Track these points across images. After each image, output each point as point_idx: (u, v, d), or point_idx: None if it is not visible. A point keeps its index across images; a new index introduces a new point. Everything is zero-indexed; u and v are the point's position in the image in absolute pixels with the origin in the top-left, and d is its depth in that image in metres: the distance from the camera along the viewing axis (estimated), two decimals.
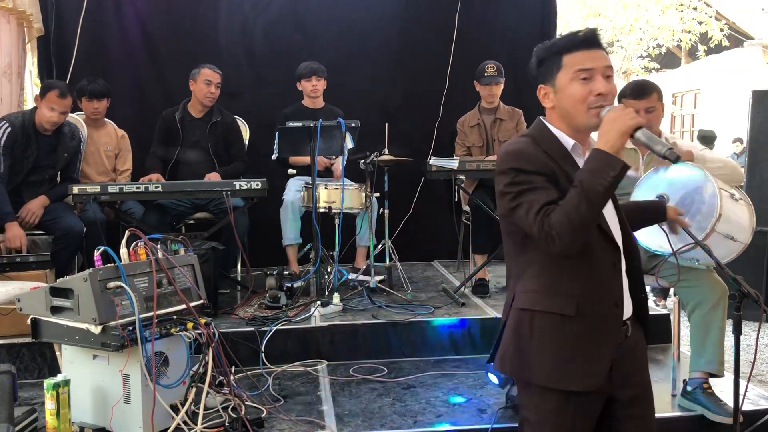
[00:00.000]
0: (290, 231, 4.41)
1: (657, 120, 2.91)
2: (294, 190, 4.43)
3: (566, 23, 15.22)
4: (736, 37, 15.20)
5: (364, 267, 4.31)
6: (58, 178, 4.15)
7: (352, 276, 4.25)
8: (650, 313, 1.98)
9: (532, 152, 1.74)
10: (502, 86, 4.54)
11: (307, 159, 4.13)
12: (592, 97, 1.71)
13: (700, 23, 15.29)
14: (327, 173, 4.57)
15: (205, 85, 4.39)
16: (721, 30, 15.09)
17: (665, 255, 2.55)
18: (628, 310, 1.81)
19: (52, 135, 3.96)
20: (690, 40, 15.87)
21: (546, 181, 1.71)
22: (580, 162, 1.77)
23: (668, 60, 18.53)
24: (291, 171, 4.64)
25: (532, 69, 1.84)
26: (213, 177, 4.28)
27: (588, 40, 1.75)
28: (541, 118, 1.86)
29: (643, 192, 2.64)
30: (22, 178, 3.90)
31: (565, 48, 1.75)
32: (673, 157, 1.66)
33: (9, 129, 3.80)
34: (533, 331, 1.78)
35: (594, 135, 1.79)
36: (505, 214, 1.78)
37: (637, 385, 1.83)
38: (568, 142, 1.78)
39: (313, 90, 4.60)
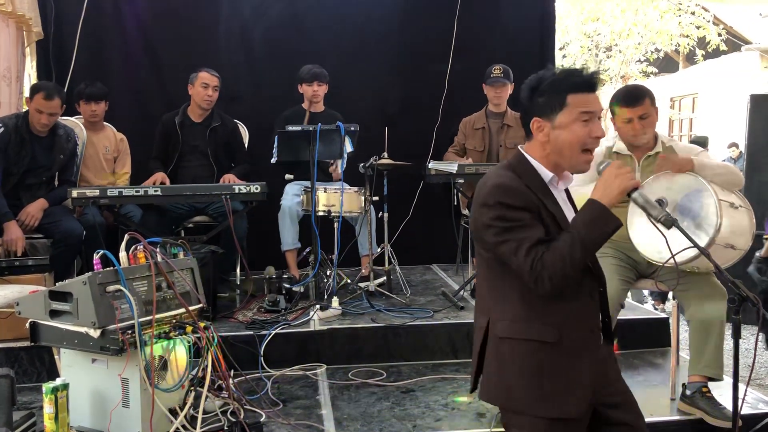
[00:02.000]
0: (288, 236, 4.40)
1: (652, 125, 2.90)
2: (291, 195, 4.42)
3: (564, 28, 15.27)
4: (734, 42, 15.24)
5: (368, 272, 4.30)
6: (56, 182, 4.14)
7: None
8: (650, 317, 2.03)
9: (519, 188, 1.78)
10: (509, 90, 4.54)
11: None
12: (590, 138, 1.78)
13: (698, 28, 15.33)
14: (325, 177, 4.57)
15: (202, 88, 4.38)
16: (719, 35, 15.13)
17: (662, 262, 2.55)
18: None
19: (46, 137, 3.95)
20: (688, 44, 15.91)
21: (532, 218, 1.77)
22: (555, 193, 1.85)
23: (666, 64, 18.57)
24: (288, 176, 4.64)
25: (525, 99, 1.87)
26: (230, 179, 4.26)
27: (592, 83, 1.81)
28: (520, 148, 1.90)
29: None
30: (18, 179, 3.88)
31: (571, 88, 1.80)
32: (669, 224, 1.78)
33: (2, 130, 3.80)
34: (515, 359, 1.80)
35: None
36: (488, 247, 1.82)
37: (619, 393, 1.89)
38: (546, 174, 1.84)
39: (314, 95, 4.60)
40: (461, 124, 4.64)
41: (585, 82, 1.80)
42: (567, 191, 1.97)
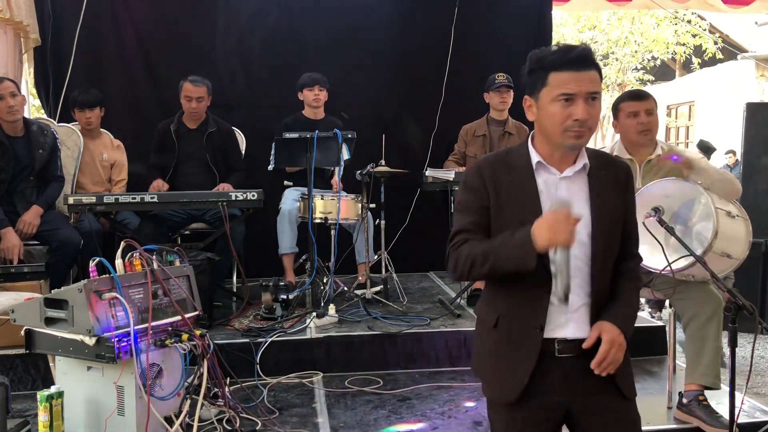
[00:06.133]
0: (286, 240, 4.39)
1: (655, 125, 2.93)
2: (291, 199, 4.42)
3: (561, 36, 15.31)
4: (730, 50, 15.31)
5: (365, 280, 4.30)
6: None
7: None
8: (646, 325, 1.98)
9: (481, 168, 1.80)
10: (512, 98, 4.55)
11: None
12: (570, 121, 1.68)
13: (694, 36, 15.39)
14: (323, 184, 4.57)
15: (186, 101, 4.33)
16: (715, 43, 15.20)
17: (658, 270, 2.56)
18: (573, 333, 1.74)
19: (22, 136, 3.89)
20: (684, 52, 15.97)
21: (475, 201, 1.78)
22: (542, 177, 1.77)
23: (663, 72, 18.64)
24: (287, 183, 4.65)
25: (524, 75, 1.83)
26: (225, 188, 4.25)
27: (577, 60, 1.69)
28: (531, 133, 1.87)
29: (639, 205, 2.64)
30: (7, 186, 3.85)
31: (553, 65, 1.71)
32: (564, 301, 1.64)
33: None
34: (477, 336, 1.93)
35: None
36: None
37: (600, 405, 1.77)
38: (533, 156, 1.79)
39: (314, 99, 4.60)
40: (461, 132, 4.65)
41: (569, 58, 1.69)
42: (593, 178, 1.78)
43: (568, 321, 1.75)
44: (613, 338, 1.69)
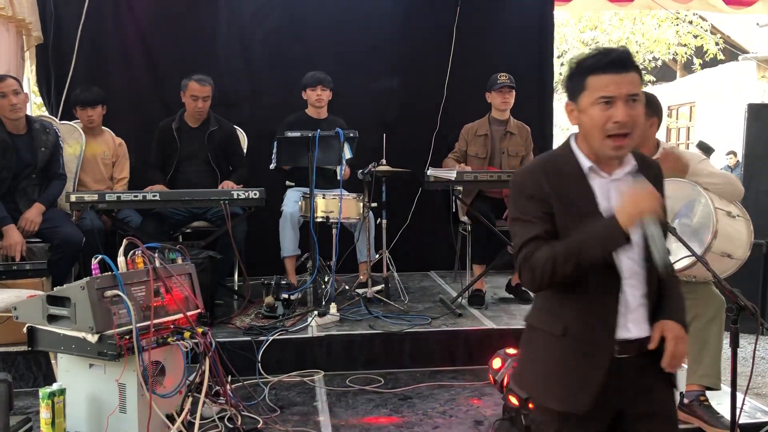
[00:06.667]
0: (289, 243, 4.38)
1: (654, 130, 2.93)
2: (293, 201, 4.41)
3: (563, 36, 15.31)
4: (731, 51, 15.31)
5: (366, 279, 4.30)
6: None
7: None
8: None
9: (534, 175, 1.77)
10: (513, 98, 4.55)
11: None
12: (611, 124, 1.68)
13: (695, 37, 15.39)
14: (325, 183, 4.57)
15: (192, 100, 4.31)
16: (717, 44, 15.20)
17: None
18: (634, 333, 1.75)
19: (24, 134, 3.90)
20: (685, 53, 15.97)
21: (538, 209, 1.74)
22: (596, 183, 1.77)
23: (664, 73, 18.64)
24: (289, 183, 4.65)
25: (564, 81, 1.82)
26: (228, 186, 4.26)
27: (616, 62, 1.69)
28: (572, 134, 1.86)
29: None
30: (10, 183, 3.85)
31: (591, 69, 1.71)
32: (665, 274, 1.70)
33: None
34: (531, 346, 1.85)
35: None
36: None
37: (653, 402, 1.79)
38: (584, 162, 1.78)
39: (318, 99, 4.60)
40: (463, 131, 4.65)
41: (607, 61, 1.68)
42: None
43: (627, 322, 1.75)
44: (677, 335, 1.71)
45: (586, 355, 1.74)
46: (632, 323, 1.75)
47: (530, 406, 1.90)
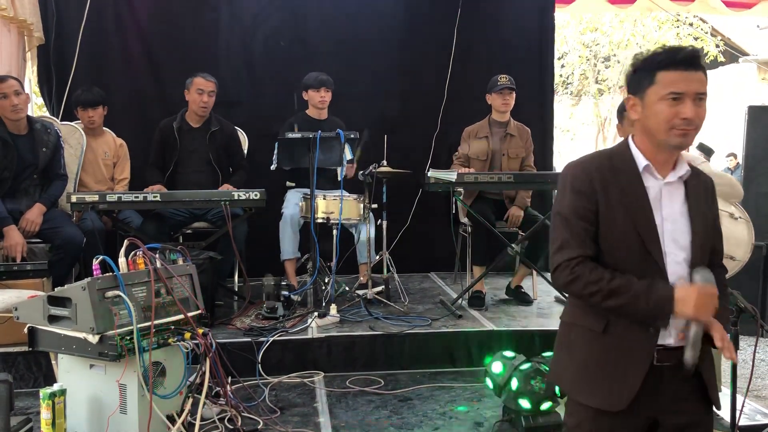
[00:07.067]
0: (289, 245, 4.38)
1: None
2: (293, 203, 4.41)
3: (563, 38, 15.32)
4: (732, 53, 15.31)
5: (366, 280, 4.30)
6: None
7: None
8: None
9: (586, 169, 1.78)
10: (514, 99, 4.55)
11: None
12: (678, 119, 1.69)
13: (696, 39, 15.38)
14: (326, 184, 4.57)
15: (197, 94, 4.34)
16: (717, 46, 15.19)
17: None
18: (674, 341, 1.73)
19: (26, 134, 3.91)
20: None
21: (586, 209, 1.74)
22: (651, 183, 1.77)
23: None
24: (289, 183, 4.65)
25: (627, 76, 1.82)
26: (227, 188, 4.25)
27: (687, 60, 1.69)
28: (630, 135, 1.86)
29: None
30: (11, 184, 3.86)
31: (661, 64, 1.71)
32: (690, 368, 1.69)
33: None
34: (569, 343, 1.84)
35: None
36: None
37: (687, 413, 1.77)
38: (641, 161, 1.78)
39: (320, 101, 4.60)
40: (464, 133, 4.64)
41: (679, 57, 1.69)
42: (689, 186, 1.79)
43: (669, 329, 1.73)
44: (723, 335, 1.70)
45: (626, 354, 1.73)
46: (675, 330, 1.73)
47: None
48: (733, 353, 1.72)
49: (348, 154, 4.04)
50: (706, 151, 10.53)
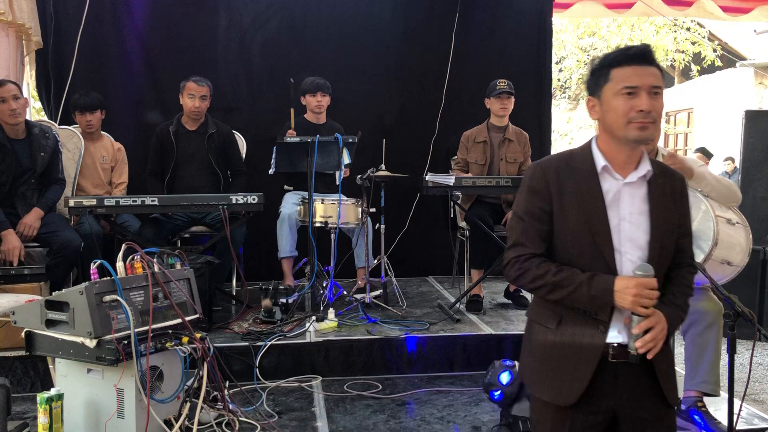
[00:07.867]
0: (286, 244, 4.39)
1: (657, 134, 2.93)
2: (291, 203, 4.43)
3: (561, 42, 15.35)
4: (729, 58, 15.35)
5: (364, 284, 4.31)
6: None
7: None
8: None
9: (544, 170, 1.81)
10: (512, 104, 4.56)
11: None
12: (634, 113, 1.72)
13: (693, 43, 15.43)
14: (324, 188, 4.58)
15: (189, 99, 4.34)
16: (714, 50, 15.23)
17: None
18: (627, 338, 1.75)
19: (24, 138, 3.90)
20: (683, 60, 16.02)
21: (541, 209, 1.79)
22: (606, 183, 1.79)
23: None
24: (287, 187, 4.65)
25: (586, 80, 1.86)
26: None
27: (639, 55, 1.74)
28: (594, 136, 1.89)
29: None
30: (9, 188, 3.85)
31: (614, 62, 1.76)
32: (635, 360, 1.72)
33: None
34: (530, 339, 1.90)
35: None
36: None
37: (647, 409, 1.80)
38: (599, 162, 1.80)
39: (317, 105, 4.61)
40: (462, 138, 4.65)
41: (630, 54, 1.74)
42: (653, 185, 1.80)
43: (623, 327, 1.76)
44: (659, 320, 1.71)
45: (577, 350, 1.77)
46: (628, 328, 1.75)
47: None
48: (648, 347, 1.70)
49: (346, 158, 4.04)
50: (707, 155, 10.59)
